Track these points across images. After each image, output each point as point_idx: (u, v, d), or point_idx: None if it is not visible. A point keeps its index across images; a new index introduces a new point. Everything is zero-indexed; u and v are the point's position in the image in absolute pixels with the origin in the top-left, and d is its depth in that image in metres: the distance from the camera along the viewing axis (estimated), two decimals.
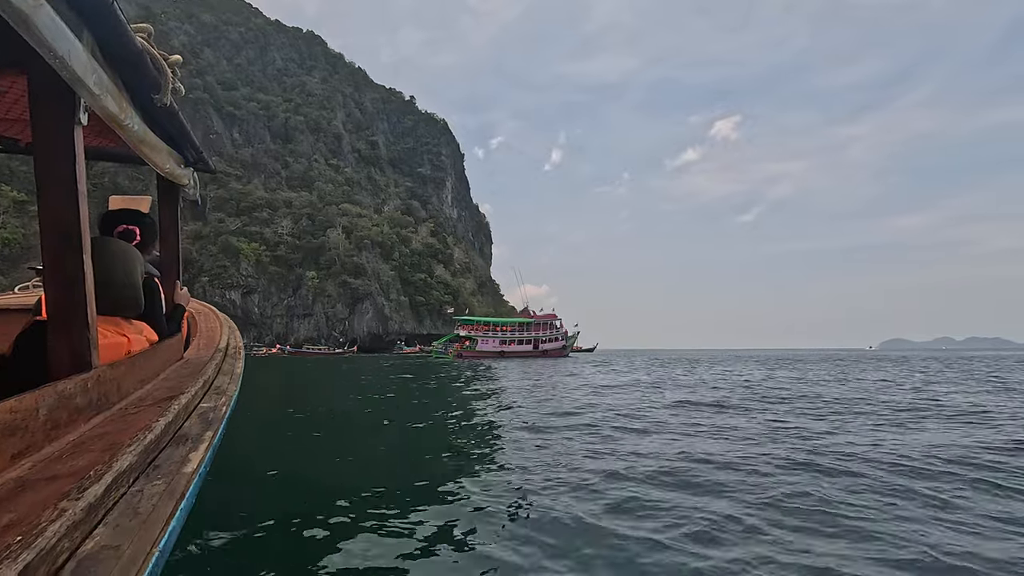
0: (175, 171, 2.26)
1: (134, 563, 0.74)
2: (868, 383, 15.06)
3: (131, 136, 1.64)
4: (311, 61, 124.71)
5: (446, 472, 4.60)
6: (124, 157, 2.49)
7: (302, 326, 76.90)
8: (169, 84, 1.61)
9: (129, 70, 1.47)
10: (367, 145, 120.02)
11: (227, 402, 1.75)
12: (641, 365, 29.39)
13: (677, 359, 43.60)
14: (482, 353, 47.23)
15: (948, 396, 11.17)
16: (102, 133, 2.15)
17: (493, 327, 51.45)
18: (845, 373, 20.38)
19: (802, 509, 3.47)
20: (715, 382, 15.35)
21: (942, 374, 19.85)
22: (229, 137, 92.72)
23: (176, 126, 2.02)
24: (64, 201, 1.30)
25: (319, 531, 3.05)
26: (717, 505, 3.54)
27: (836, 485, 4.05)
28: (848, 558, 2.71)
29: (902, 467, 4.62)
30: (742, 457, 5.02)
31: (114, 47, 1.33)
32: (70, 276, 1.32)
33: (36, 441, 1.03)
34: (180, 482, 1.04)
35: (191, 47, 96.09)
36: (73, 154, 1.30)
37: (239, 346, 2.85)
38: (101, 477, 0.89)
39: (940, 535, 3.02)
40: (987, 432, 6.52)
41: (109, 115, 1.40)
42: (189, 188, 2.63)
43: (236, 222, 79.07)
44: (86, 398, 1.25)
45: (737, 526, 3.15)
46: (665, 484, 4.10)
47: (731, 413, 8.43)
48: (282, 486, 4.23)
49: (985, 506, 3.58)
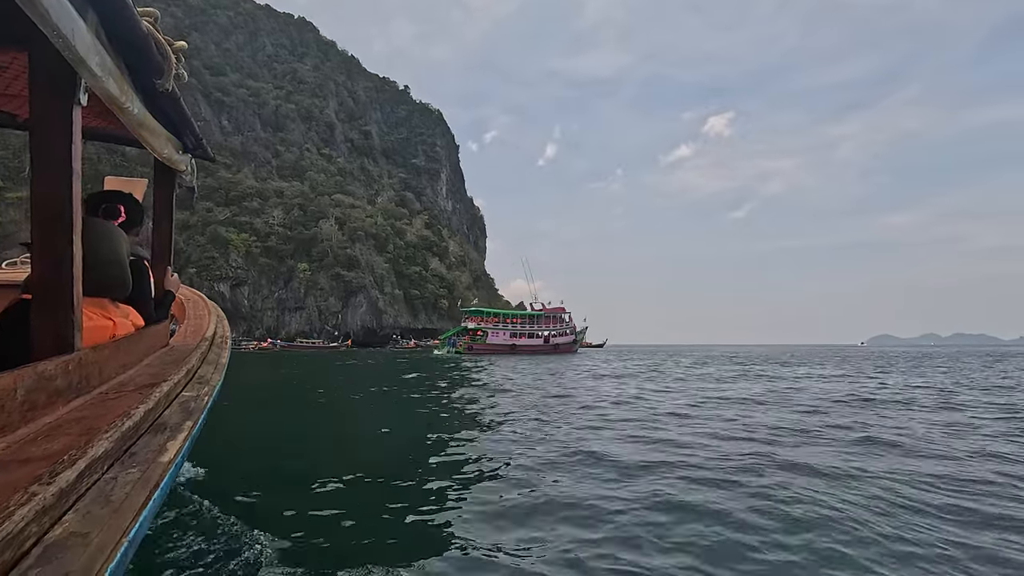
0: (173, 157, 2.21)
1: (102, 551, 0.72)
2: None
3: (131, 119, 1.61)
4: (302, 48, 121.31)
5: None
6: (123, 139, 2.44)
7: (293, 319, 74.65)
8: (172, 70, 1.60)
9: (133, 53, 1.44)
10: (360, 135, 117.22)
11: (210, 392, 1.70)
12: (689, 366, 24.92)
13: (700, 356, 42.46)
14: (492, 347, 44.95)
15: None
16: (102, 114, 2.09)
17: (503, 319, 49.11)
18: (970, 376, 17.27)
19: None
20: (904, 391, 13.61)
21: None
22: (218, 124, 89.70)
23: (177, 112, 1.97)
24: (57, 180, 1.27)
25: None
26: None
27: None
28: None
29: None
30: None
31: (119, 29, 1.32)
32: (58, 255, 1.28)
33: (12, 422, 1.01)
34: (155, 471, 1.01)
35: (177, 30, 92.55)
36: (70, 133, 1.27)
37: (226, 336, 2.77)
38: (75, 462, 0.87)
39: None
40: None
41: (110, 97, 1.38)
42: (186, 175, 2.56)
43: (225, 212, 76.42)
44: (66, 380, 1.23)
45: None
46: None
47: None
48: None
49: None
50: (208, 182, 77.05)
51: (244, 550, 2.70)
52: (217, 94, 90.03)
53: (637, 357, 37.45)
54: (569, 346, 50.38)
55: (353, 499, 3.80)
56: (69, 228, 1.28)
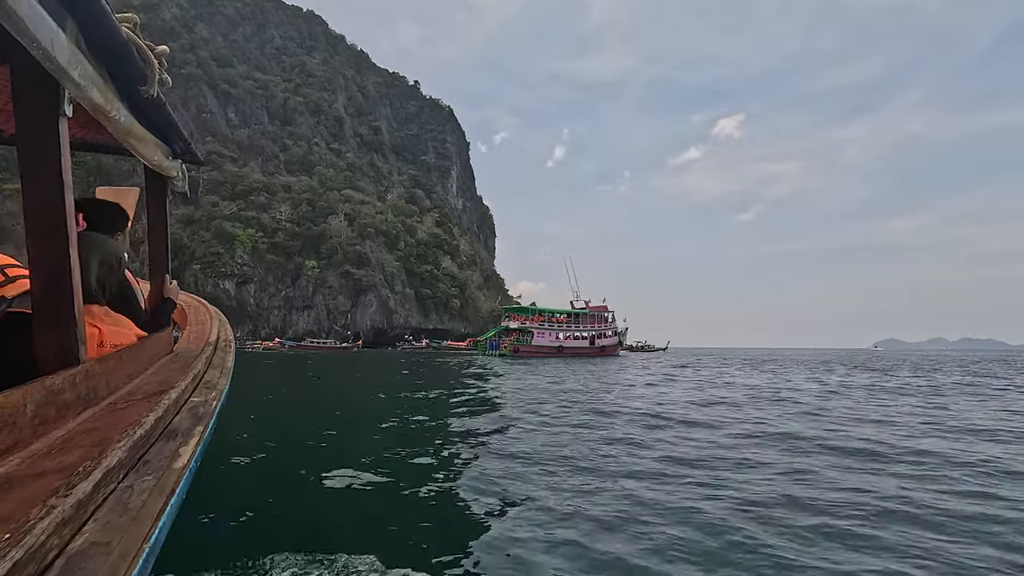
0: (163, 163, 2.20)
1: (124, 559, 0.73)
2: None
3: (117, 128, 1.61)
4: (311, 41, 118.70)
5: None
6: (111, 148, 2.41)
7: (301, 319, 71.65)
8: (156, 75, 1.59)
9: (114, 61, 1.43)
10: (370, 130, 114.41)
11: (218, 396, 1.73)
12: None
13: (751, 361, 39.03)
14: (539, 349, 40.91)
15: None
16: (88, 124, 2.07)
17: (548, 318, 45.16)
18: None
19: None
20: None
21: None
22: (224, 116, 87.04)
23: (163, 118, 1.96)
24: (49, 193, 1.27)
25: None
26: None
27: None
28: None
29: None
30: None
31: (99, 37, 1.30)
32: (56, 269, 1.29)
33: (24, 437, 1.02)
34: (170, 477, 1.03)
35: (183, 20, 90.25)
36: (58, 146, 1.27)
37: (230, 339, 2.82)
38: (90, 473, 0.88)
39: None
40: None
41: (95, 106, 1.38)
42: (177, 180, 2.54)
43: (231, 206, 73.58)
44: (74, 393, 1.25)
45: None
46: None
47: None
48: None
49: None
50: (213, 175, 74.28)
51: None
52: (224, 86, 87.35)
53: (695, 362, 33.94)
54: (614, 348, 46.60)
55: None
56: (65, 241, 1.29)
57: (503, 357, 37.02)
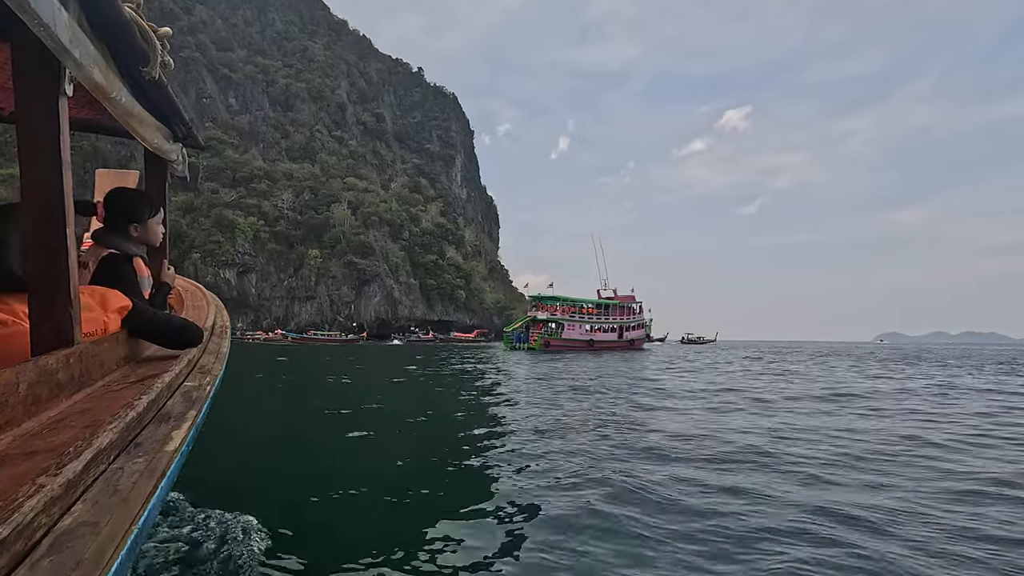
0: (163, 146, 2.19)
1: (112, 540, 0.73)
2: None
3: (118, 109, 1.59)
4: (313, 26, 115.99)
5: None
6: (111, 130, 2.39)
7: (304, 309, 70.14)
8: (158, 57, 1.57)
9: (116, 41, 1.42)
10: (372, 117, 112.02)
11: (212, 381, 1.71)
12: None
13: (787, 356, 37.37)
14: (570, 342, 38.74)
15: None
16: (88, 104, 2.05)
17: (579, 308, 42.72)
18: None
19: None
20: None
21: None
22: (224, 102, 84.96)
23: (165, 100, 1.93)
24: (47, 172, 1.27)
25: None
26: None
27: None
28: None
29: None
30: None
31: (101, 16, 1.29)
32: (53, 249, 1.29)
33: (16, 416, 1.03)
34: (161, 460, 1.03)
35: (182, 2, 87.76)
36: (57, 125, 1.26)
37: (226, 325, 2.79)
38: (81, 453, 0.88)
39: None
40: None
41: (95, 86, 1.37)
42: (177, 164, 2.53)
43: (232, 194, 71.89)
44: (68, 374, 1.25)
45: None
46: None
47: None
48: None
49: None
50: (213, 162, 72.42)
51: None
52: (224, 70, 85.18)
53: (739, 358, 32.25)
54: (641, 340, 44.81)
55: None
56: (62, 220, 1.28)
57: (531, 351, 34.68)
